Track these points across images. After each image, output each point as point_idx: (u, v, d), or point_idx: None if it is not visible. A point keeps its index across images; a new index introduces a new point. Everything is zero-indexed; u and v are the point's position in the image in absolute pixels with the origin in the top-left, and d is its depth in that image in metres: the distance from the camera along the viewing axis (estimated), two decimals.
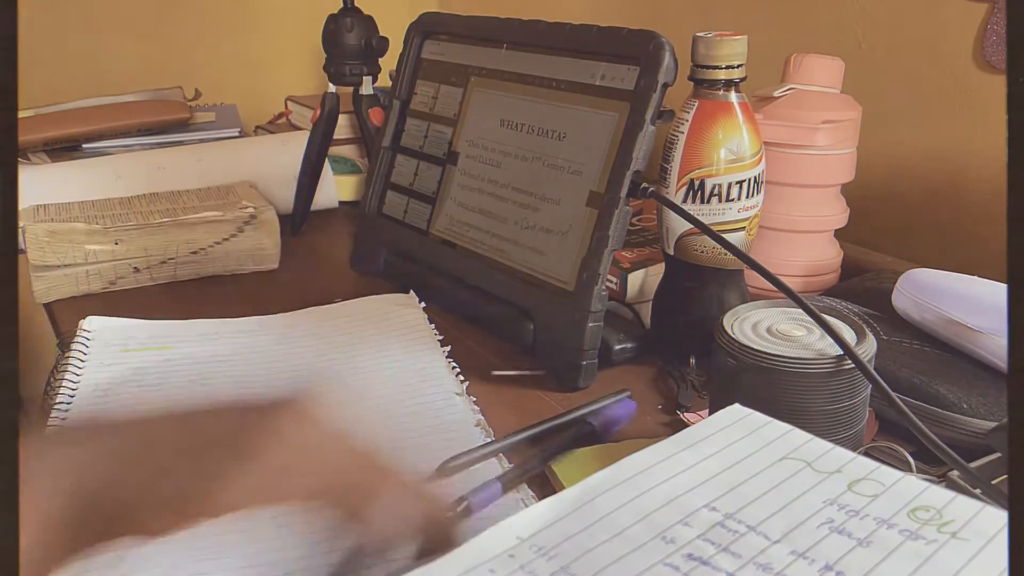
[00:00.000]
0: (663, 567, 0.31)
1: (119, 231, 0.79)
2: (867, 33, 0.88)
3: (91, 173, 0.93)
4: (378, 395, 0.59)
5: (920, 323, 0.59)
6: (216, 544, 0.44)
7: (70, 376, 0.60)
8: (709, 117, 0.60)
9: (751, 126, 0.60)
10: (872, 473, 0.35)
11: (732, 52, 0.59)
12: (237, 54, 1.47)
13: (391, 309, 0.71)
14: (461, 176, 0.73)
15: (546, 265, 0.65)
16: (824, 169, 0.71)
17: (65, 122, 1.13)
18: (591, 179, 0.62)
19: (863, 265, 0.76)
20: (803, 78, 0.71)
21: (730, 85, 0.60)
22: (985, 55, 0.78)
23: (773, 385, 0.47)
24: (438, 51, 0.79)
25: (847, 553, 0.31)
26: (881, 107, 0.85)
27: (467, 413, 0.57)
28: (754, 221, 0.62)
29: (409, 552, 0.38)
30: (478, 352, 0.67)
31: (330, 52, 0.90)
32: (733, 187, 0.60)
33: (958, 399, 0.52)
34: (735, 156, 0.60)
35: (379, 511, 0.36)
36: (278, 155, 1.00)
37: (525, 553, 0.32)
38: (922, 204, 0.86)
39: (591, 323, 0.60)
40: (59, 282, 0.77)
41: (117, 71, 1.38)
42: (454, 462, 0.49)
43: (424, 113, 0.79)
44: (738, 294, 0.64)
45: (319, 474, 0.36)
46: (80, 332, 0.66)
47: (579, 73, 0.65)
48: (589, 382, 0.61)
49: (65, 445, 0.36)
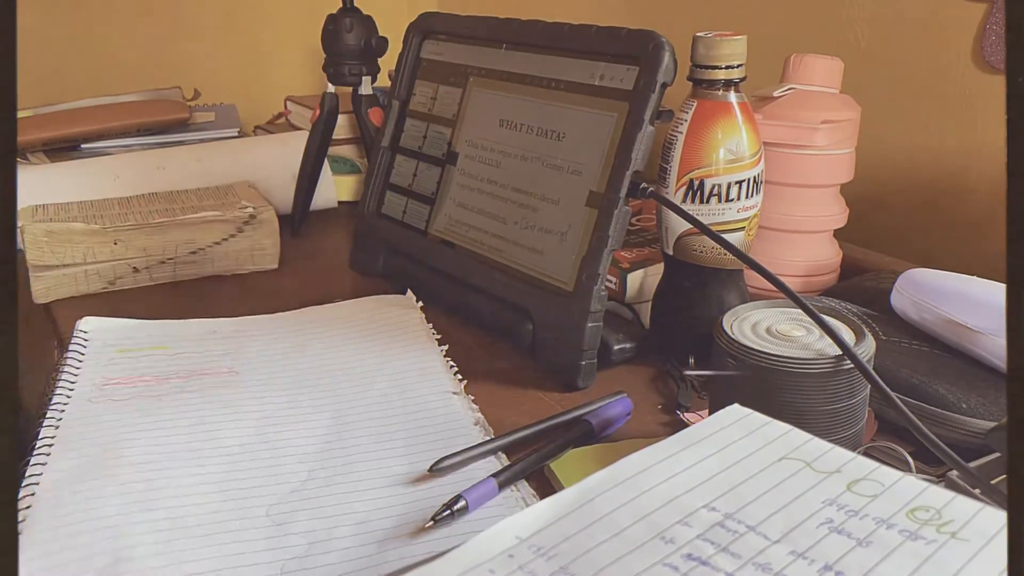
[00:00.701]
0: (662, 567, 0.31)
1: (118, 231, 0.79)
2: (867, 33, 0.88)
3: (90, 173, 0.93)
4: (376, 394, 0.59)
5: (919, 323, 0.59)
6: (209, 543, 0.44)
7: (66, 378, 0.60)
8: (708, 117, 0.60)
9: (750, 126, 0.60)
10: (871, 473, 0.35)
11: (732, 52, 0.59)
12: (236, 54, 1.47)
13: (388, 309, 0.71)
14: (460, 176, 0.73)
15: (545, 265, 0.65)
16: (823, 169, 0.71)
17: (64, 122, 1.13)
18: (590, 179, 0.62)
19: (862, 265, 0.76)
20: (802, 78, 0.71)
21: (729, 85, 0.60)
22: (984, 55, 0.78)
23: (772, 385, 0.47)
24: (437, 51, 0.79)
25: (846, 553, 0.31)
26: (880, 107, 0.85)
27: (466, 412, 0.57)
28: (753, 221, 0.62)
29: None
30: (477, 352, 0.67)
31: (329, 52, 0.90)
32: (732, 187, 0.60)
33: (957, 399, 0.52)
34: (734, 156, 0.60)
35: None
36: (277, 155, 1.00)
37: (524, 553, 0.32)
38: (921, 204, 0.86)
39: (590, 323, 0.60)
40: (58, 282, 0.77)
41: (116, 71, 1.38)
42: (447, 461, 0.49)
43: (423, 113, 0.79)
44: (737, 294, 0.64)
45: None
46: (77, 332, 0.66)
47: (578, 73, 0.65)
48: (588, 382, 0.61)
49: None
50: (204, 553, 0.43)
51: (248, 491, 0.48)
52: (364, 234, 0.82)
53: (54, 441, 0.52)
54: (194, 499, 0.47)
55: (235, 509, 0.47)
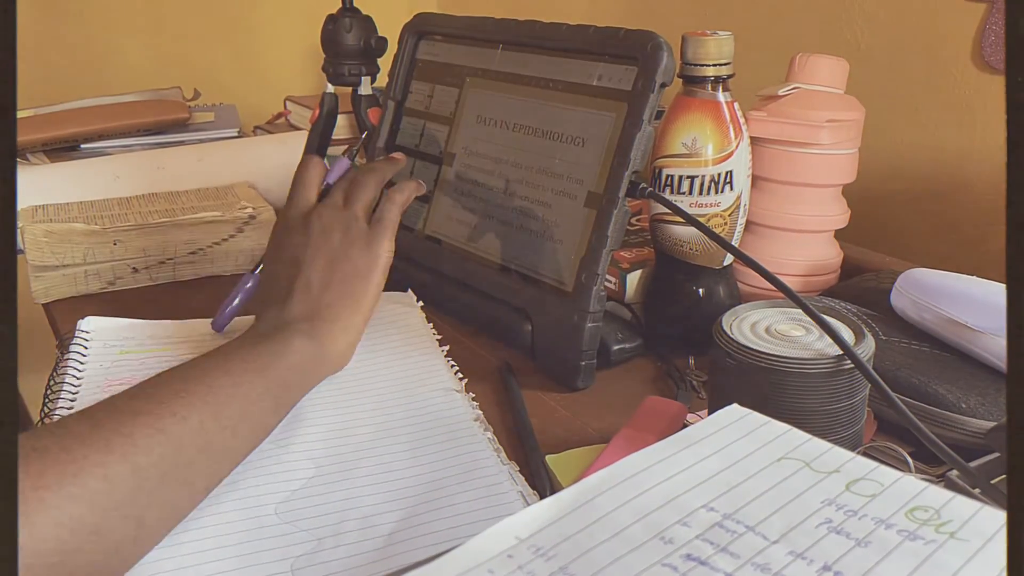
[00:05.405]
0: (662, 567, 0.31)
1: (118, 231, 0.79)
2: (867, 33, 0.88)
3: (90, 173, 0.93)
4: (376, 391, 0.59)
5: (919, 323, 0.59)
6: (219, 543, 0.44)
7: (71, 377, 0.60)
8: (675, 110, 0.63)
9: (719, 126, 0.61)
10: (871, 473, 0.35)
11: (708, 52, 0.62)
12: (236, 54, 1.47)
13: (389, 307, 0.71)
14: (457, 176, 0.73)
15: (544, 265, 0.64)
16: (827, 168, 0.71)
17: (64, 122, 1.13)
18: (589, 179, 0.62)
19: (862, 265, 0.76)
20: (808, 78, 0.71)
21: (706, 81, 0.62)
22: (984, 55, 0.78)
23: (772, 385, 0.47)
24: (433, 52, 0.79)
25: (845, 553, 0.31)
26: (880, 107, 0.85)
27: (466, 409, 0.57)
28: (714, 220, 0.63)
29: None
30: (476, 352, 0.67)
31: (329, 52, 0.90)
32: (684, 181, 0.63)
33: (957, 399, 0.52)
34: (688, 151, 0.62)
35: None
36: (277, 155, 1.00)
37: (524, 553, 0.32)
38: (921, 204, 0.86)
39: (590, 324, 0.60)
40: (58, 282, 0.77)
41: (116, 71, 1.38)
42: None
43: (420, 112, 0.79)
44: (723, 287, 0.66)
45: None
46: (78, 333, 0.66)
47: (576, 73, 0.65)
48: (588, 383, 0.61)
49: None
50: (216, 552, 0.44)
51: (255, 489, 0.48)
52: None
53: None
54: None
55: (243, 508, 0.47)
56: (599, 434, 0.56)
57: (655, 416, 0.52)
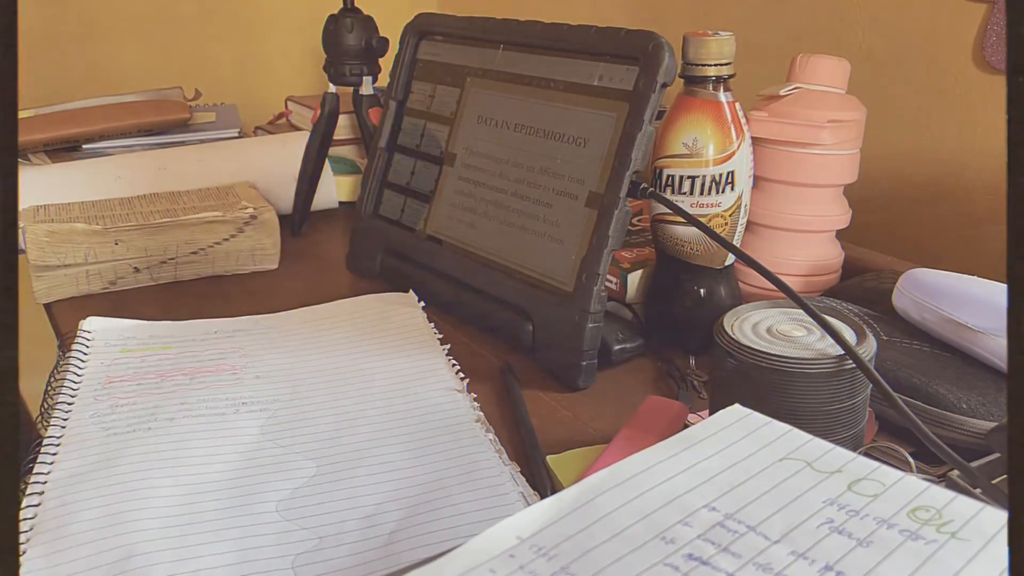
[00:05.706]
0: (663, 567, 0.31)
1: (119, 231, 0.79)
2: (867, 33, 0.88)
3: (91, 173, 0.93)
4: (380, 390, 0.59)
5: (920, 323, 0.59)
6: (218, 538, 0.44)
7: (71, 377, 0.60)
8: (677, 110, 0.63)
9: (720, 127, 0.61)
10: (872, 473, 0.35)
11: (709, 52, 0.61)
12: (237, 54, 1.47)
13: (390, 308, 0.71)
14: (458, 176, 0.73)
15: (545, 265, 0.65)
16: (828, 168, 0.71)
17: (65, 122, 1.13)
18: (590, 179, 0.62)
19: (864, 265, 0.76)
20: (809, 78, 0.71)
21: (707, 81, 0.62)
22: (985, 55, 0.78)
23: (773, 385, 0.47)
24: (434, 52, 0.79)
25: (847, 553, 0.31)
26: (881, 107, 0.85)
27: (468, 410, 0.57)
28: (716, 220, 0.63)
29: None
30: (477, 351, 0.67)
31: (330, 52, 0.90)
32: (685, 181, 0.62)
33: (958, 399, 0.52)
34: (689, 151, 0.62)
35: None
36: (278, 155, 1.00)
37: (525, 553, 0.32)
38: (922, 204, 0.86)
39: (590, 324, 0.60)
40: (59, 282, 0.77)
41: (117, 71, 1.38)
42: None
43: (421, 111, 0.79)
44: (724, 287, 0.66)
45: None
46: (80, 333, 0.66)
47: (577, 73, 0.65)
48: (589, 383, 0.61)
49: None
50: (216, 548, 0.44)
51: (257, 487, 0.49)
52: (361, 236, 0.82)
53: (60, 440, 0.52)
54: (203, 496, 0.48)
55: (245, 505, 0.47)
56: (600, 434, 0.56)
57: (656, 416, 0.52)
